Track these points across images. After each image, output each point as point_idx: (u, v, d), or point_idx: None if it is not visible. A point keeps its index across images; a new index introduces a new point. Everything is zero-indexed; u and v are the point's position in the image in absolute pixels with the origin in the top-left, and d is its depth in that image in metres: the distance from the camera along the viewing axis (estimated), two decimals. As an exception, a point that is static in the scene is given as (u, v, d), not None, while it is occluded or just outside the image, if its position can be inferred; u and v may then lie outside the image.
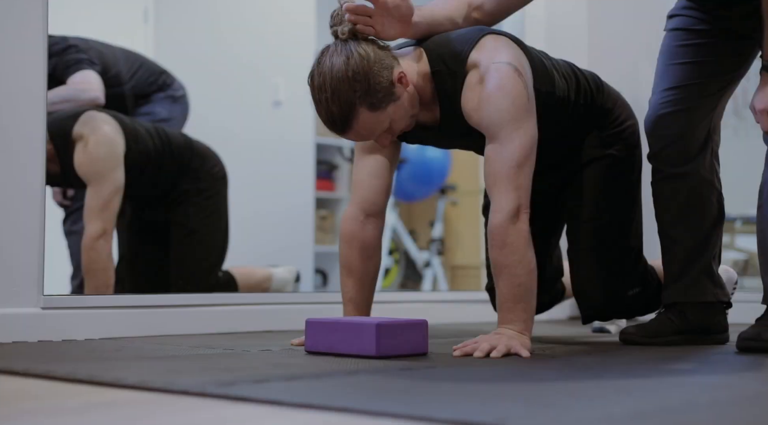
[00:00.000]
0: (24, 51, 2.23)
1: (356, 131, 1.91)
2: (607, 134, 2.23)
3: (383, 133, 1.95)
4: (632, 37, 3.67)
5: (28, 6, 2.23)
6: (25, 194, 2.20)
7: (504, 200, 1.88)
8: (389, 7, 1.96)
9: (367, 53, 1.91)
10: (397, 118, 1.94)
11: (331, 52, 1.92)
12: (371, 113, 1.89)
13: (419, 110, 2.05)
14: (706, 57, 2.18)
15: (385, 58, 1.93)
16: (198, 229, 3.10)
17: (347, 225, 2.14)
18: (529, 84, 1.95)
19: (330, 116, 1.90)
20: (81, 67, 3.15)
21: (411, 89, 1.97)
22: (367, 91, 1.88)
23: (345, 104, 1.87)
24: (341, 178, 5.65)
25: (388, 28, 1.98)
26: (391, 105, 1.92)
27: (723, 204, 2.24)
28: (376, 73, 1.89)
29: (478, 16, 2.12)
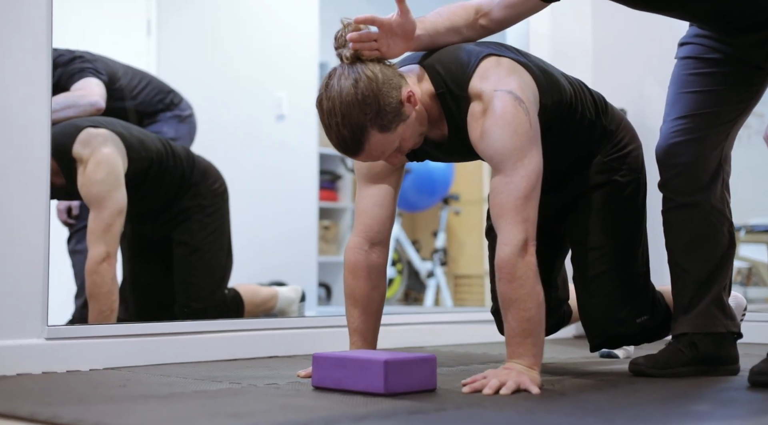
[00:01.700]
0: (28, 67, 2.22)
1: (368, 152, 1.91)
2: (611, 158, 2.21)
3: (393, 152, 1.95)
4: (637, 54, 3.65)
5: (33, 20, 2.22)
6: (29, 225, 2.19)
7: (511, 233, 1.86)
8: (393, 27, 1.96)
9: (375, 75, 1.90)
10: (407, 136, 1.95)
11: (339, 75, 1.91)
12: (382, 134, 1.89)
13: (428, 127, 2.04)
14: (717, 86, 2.16)
15: (393, 78, 1.92)
16: (201, 247, 3.08)
17: (352, 255, 2.12)
18: (532, 110, 1.93)
19: (341, 139, 1.89)
20: (84, 75, 3.15)
21: (420, 108, 1.96)
22: (378, 114, 1.87)
23: (356, 128, 1.87)
24: (344, 188, 5.65)
25: (393, 47, 1.97)
26: (401, 125, 1.92)
27: (734, 234, 2.22)
28: (386, 94, 1.89)
29: (484, 23, 2.10)
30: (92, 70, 3.18)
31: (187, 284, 3.07)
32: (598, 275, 2.20)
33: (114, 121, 2.98)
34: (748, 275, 5.58)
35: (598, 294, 2.21)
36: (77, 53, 3.22)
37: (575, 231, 2.26)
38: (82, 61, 3.20)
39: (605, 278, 2.20)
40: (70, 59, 3.18)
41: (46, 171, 2.23)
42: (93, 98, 3.09)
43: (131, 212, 2.96)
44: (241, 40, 4.64)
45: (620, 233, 2.22)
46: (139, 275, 3.20)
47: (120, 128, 2.92)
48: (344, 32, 1.95)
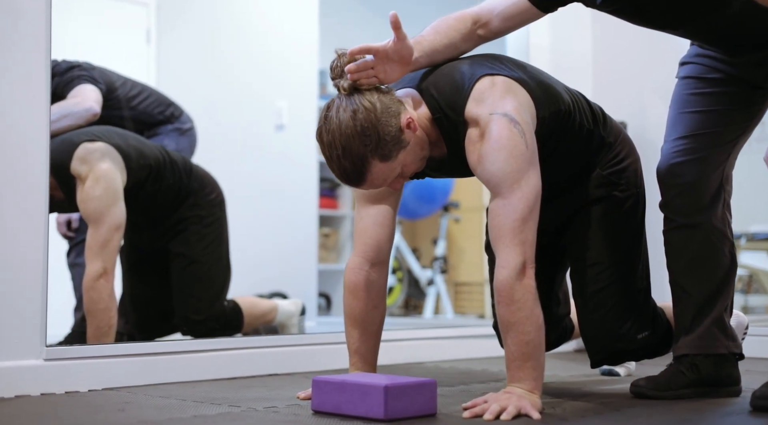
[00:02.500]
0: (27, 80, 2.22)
1: (370, 182, 1.92)
2: (609, 172, 2.20)
3: (396, 178, 1.96)
4: (637, 67, 3.64)
5: (31, 33, 2.22)
6: (28, 246, 2.18)
7: (509, 256, 1.86)
8: (390, 53, 1.95)
9: (373, 105, 1.90)
10: (409, 162, 1.95)
11: (337, 106, 1.91)
12: (383, 163, 1.90)
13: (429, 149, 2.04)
14: (718, 106, 2.15)
15: (392, 106, 1.92)
16: (199, 258, 3.07)
17: (352, 275, 2.11)
18: (528, 130, 1.91)
19: (343, 171, 1.90)
20: (79, 82, 3.14)
21: (420, 133, 1.96)
22: (378, 144, 1.88)
23: (357, 159, 1.87)
24: (344, 196, 5.64)
25: (391, 73, 1.97)
26: (402, 152, 1.92)
27: (735, 255, 2.21)
28: (385, 124, 1.89)
29: (482, 33, 2.10)
30: (88, 77, 3.18)
31: (185, 296, 3.06)
32: (598, 291, 2.19)
33: (111, 130, 2.96)
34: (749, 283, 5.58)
35: (598, 310, 2.20)
36: (74, 63, 3.22)
37: (574, 247, 2.25)
38: (79, 69, 3.20)
39: (605, 294, 2.19)
40: (66, 68, 3.18)
41: (44, 193, 2.22)
42: (87, 104, 3.09)
43: (129, 222, 2.95)
44: (240, 50, 4.64)
45: (620, 248, 2.21)
46: (138, 288, 3.19)
47: (117, 138, 2.90)
48: (339, 63, 1.95)
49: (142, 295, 3.18)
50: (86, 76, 3.17)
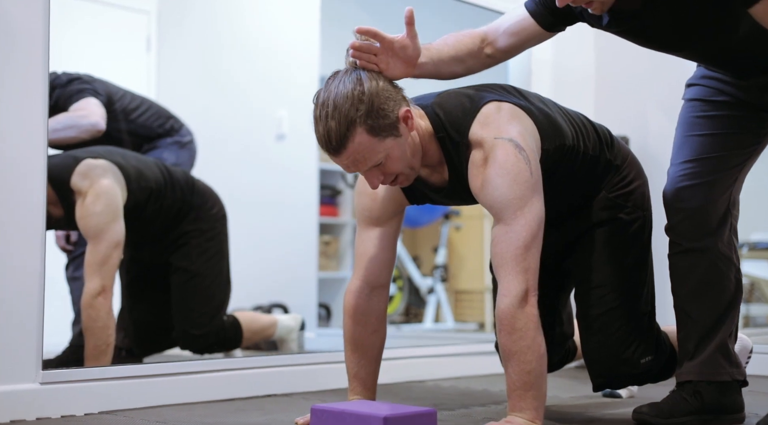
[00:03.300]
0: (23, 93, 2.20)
1: (350, 153, 1.84)
2: (616, 194, 2.18)
3: (374, 169, 1.89)
4: (640, 81, 3.61)
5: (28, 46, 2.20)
6: (24, 270, 2.16)
7: (512, 284, 1.83)
8: (395, 47, 1.92)
9: (377, 82, 1.87)
10: (394, 157, 1.88)
11: (341, 74, 1.88)
12: (369, 137, 1.84)
13: (427, 171, 2.02)
14: (725, 130, 2.12)
15: (395, 94, 1.89)
16: (200, 272, 3.05)
17: (352, 299, 2.09)
18: (533, 158, 1.89)
19: (327, 131, 1.83)
20: (83, 96, 3.12)
21: (415, 136, 1.92)
22: (369, 113, 1.83)
23: (344, 120, 1.81)
24: (345, 203, 5.62)
25: (393, 68, 1.94)
26: (391, 138, 1.86)
27: (741, 281, 2.18)
28: (383, 101, 1.85)
29: (490, 52, 2.09)
30: (91, 90, 3.17)
31: (185, 311, 3.04)
32: (602, 314, 2.17)
33: (113, 150, 2.95)
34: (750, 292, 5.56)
35: (601, 333, 2.17)
36: (74, 75, 3.20)
37: (579, 269, 2.22)
38: (80, 82, 3.18)
39: (609, 318, 2.16)
40: (67, 81, 3.16)
41: (41, 223, 2.20)
42: (93, 118, 3.07)
43: (130, 238, 2.93)
44: (241, 59, 4.61)
45: (625, 271, 2.18)
46: (138, 301, 3.17)
47: (119, 157, 2.88)
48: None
49: (142, 309, 3.16)
50: (90, 90, 3.16)
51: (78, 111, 3.08)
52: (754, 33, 1.91)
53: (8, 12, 2.16)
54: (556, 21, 2.07)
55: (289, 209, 4.56)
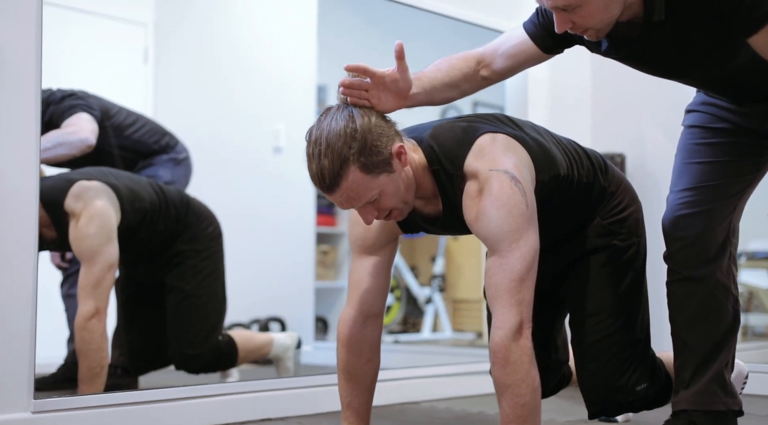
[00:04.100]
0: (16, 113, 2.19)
1: (343, 191, 1.84)
2: (610, 221, 2.17)
3: (368, 205, 1.88)
4: (636, 99, 3.61)
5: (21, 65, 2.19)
6: (15, 298, 2.15)
7: (505, 316, 1.82)
8: (387, 81, 1.91)
9: (369, 118, 1.86)
10: (388, 192, 1.87)
11: (333, 111, 1.87)
12: (363, 174, 1.83)
13: (421, 202, 2.01)
14: (724, 157, 2.11)
15: (388, 130, 1.88)
16: (195, 292, 3.04)
17: (346, 328, 2.08)
18: (528, 189, 1.89)
19: (320, 170, 1.82)
20: (75, 111, 3.12)
21: (408, 171, 1.91)
22: (362, 151, 1.81)
23: (338, 159, 1.81)
24: (342, 213, 5.61)
25: (385, 102, 1.93)
26: (385, 175, 1.85)
27: (739, 310, 2.18)
28: (376, 137, 1.84)
29: (486, 74, 2.08)
30: (84, 105, 3.16)
31: (180, 330, 3.03)
32: (597, 342, 2.16)
33: (106, 171, 2.94)
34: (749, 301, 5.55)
35: (596, 360, 2.16)
36: (68, 91, 3.20)
37: (574, 295, 2.21)
38: (74, 98, 3.17)
39: (604, 345, 2.15)
40: (61, 97, 3.16)
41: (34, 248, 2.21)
42: (83, 135, 3.06)
43: (125, 258, 2.92)
44: (238, 71, 4.61)
45: (620, 298, 2.17)
46: (133, 320, 3.16)
47: (112, 179, 2.88)
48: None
49: (137, 327, 3.15)
50: (82, 105, 3.15)
51: (68, 127, 3.08)
52: (754, 61, 1.90)
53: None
54: (555, 44, 2.07)
55: (286, 221, 4.55)
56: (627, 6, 1.89)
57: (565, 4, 1.83)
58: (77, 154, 3.06)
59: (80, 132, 3.06)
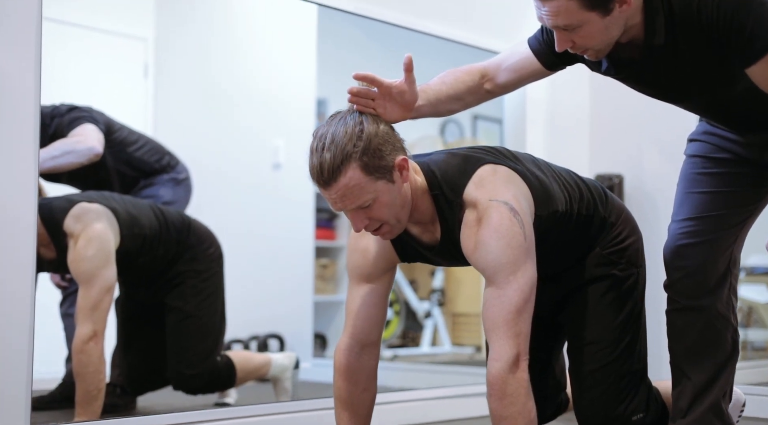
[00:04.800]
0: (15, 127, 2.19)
1: (340, 187, 1.83)
2: (609, 251, 2.18)
3: (360, 211, 1.87)
4: (635, 120, 3.61)
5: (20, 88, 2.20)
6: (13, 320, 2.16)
7: (503, 348, 1.83)
8: (393, 92, 1.93)
9: (378, 125, 1.88)
10: (383, 201, 1.87)
11: (343, 114, 1.89)
12: (362, 174, 1.83)
13: (418, 229, 2.02)
14: (726, 187, 2.12)
15: (395, 140, 1.90)
16: (194, 313, 3.05)
17: (342, 357, 2.08)
18: (527, 221, 1.89)
19: (321, 162, 1.82)
20: (80, 122, 3.15)
21: (407, 189, 1.92)
22: (366, 151, 1.82)
23: (340, 153, 1.81)
24: (342, 226, 5.61)
25: (390, 112, 1.94)
26: (384, 182, 1.86)
27: (738, 341, 2.19)
28: (381, 142, 1.85)
29: (489, 88, 2.10)
30: (89, 117, 3.20)
31: (179, 350, 3.04)
32: (595, 371, 2.17)
33: (108, 195, 2.96)
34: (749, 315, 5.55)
35: (593, 390, 2.17)
36: (74, 105, 3.23)
37: (573, 324, 2.22)
38: (79, 110, 3.22)
39: (601, 374, 2.16)
40: (67, 110, 3.21)
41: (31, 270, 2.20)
42: (90, 143, 3.09)
43: (125, 280, 2.93)
44: (238, 87, 4.62)
45: (618, 328, 2.18)
46: (133, 339, 3.17)
47: (114, 203, 2.89)
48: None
49: (136, 347, 3.16)
50: (87, 117, 3.19)
51: (75, 136, 3.10)
52: (751, 90, 1.91)
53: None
54: (558, 61, 2.09)
55: (285, 237, 4.56)
56: (627, 28, 1.91)
57: (566, 23, 1.85)
58: (85, 162, 3.09)
59: (87, 141, 3.09)
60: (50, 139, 3.12)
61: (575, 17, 1.83)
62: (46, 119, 3.16)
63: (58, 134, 3.13)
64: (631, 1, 1.85)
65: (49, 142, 3.11)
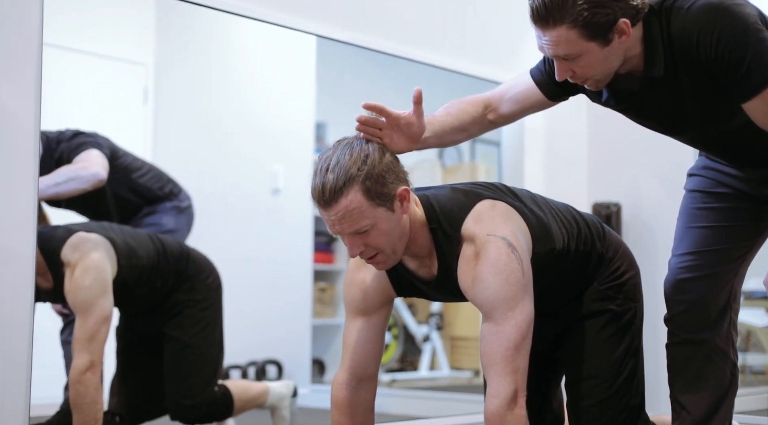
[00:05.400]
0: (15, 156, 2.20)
1: (340, 208, 1.83)
2: (606, 286, 2.18)
3: (357, 236, 1.88)
4: (632, 147, 3.62)
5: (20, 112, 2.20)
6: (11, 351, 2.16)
7: (500, 385, 1.84)
8: (401, 124, 1.94)
9: (384, 154, 1.89)
10: (381, 229, 1.88)
11: (351, 139, 1.91)
12: (364, 198, 1.84)
13: (415, 263, 2.02)
14: (726, 222, 2.13)
15: (399, 171, 1.91)
16: (193, 343, 3.04)
17: (339, 392, 2.08)
18: (525, 257, 1.90)
19: (324, 183, 1.83)
20: (85, 148, 3.17)
21: (406, 221, 1.92)
22: (369, 176, 1.84)
23: (344, 175, 1.82)
24: (340, 250, 5.62)
25: (397, 143, 1.96)
26: (384, 209, 1.87)
27: (737, 376, 2.19)
28: (385, 171, 1.87)
29: (492, 118, 2.12)
30: (94, 143, 3.22)
31: (177, 380, 3.03)
32: (592, 406, 2.16)
33: (107, 226, 2.96)
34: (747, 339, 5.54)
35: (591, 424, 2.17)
36: (79, 130, 3.25)
37: (571, 359, 2.22)
38: (85, 136, 3.24)
39: (599, 409, 2.16)
40: (72, 135, 3.22)
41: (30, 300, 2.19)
42: (95, 169, 3.10)
43: (124, 309, 2.92)
44: (237, 114, 4.64)
45: (615, 363, 2.18)
46: (131, 368, 3.16)
47: (112, 233, 2.89)
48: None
49: (135, 376, 3.15)
50: (92, 142, 3.21)
51: (80, 162, 3.12)
52: (749, 125, 1.92)
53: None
54: (560, 91, 2.10)
55: (284, 261, 4.56)
56: (627, 59, 1.92)
57: (566, 53, 1.86)
58: (89, 188, 3.10)
59: (92, 167, 3.10)
60: (56, 164, 3.15)
61: (575, 47, 1.85)
62: (52, 143, 3.18)
63: (64, 159, 3.15)
64: (631, 32, 1.87)
65: (55, 166, 3.13)
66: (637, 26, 1.89)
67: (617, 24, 1.84)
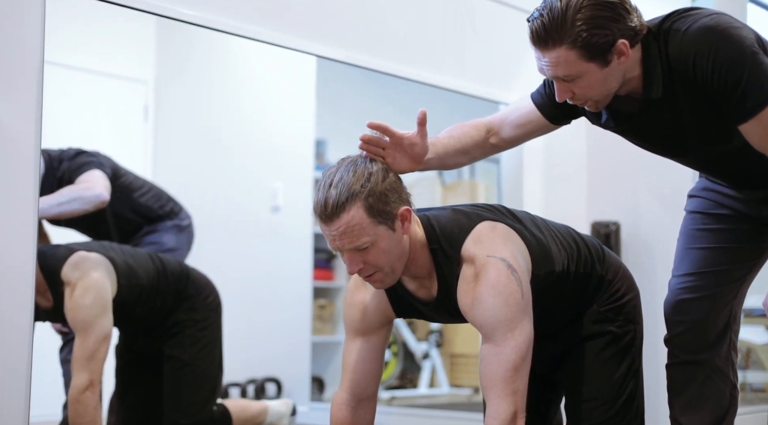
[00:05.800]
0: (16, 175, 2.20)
1: (342, 223, 1.84)
2: (606, 308, 2.18)
3: (356, 253, 1.87)
4: (632, 169, 3.62)
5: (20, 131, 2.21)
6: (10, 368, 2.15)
7: (500, 407, 1.83)
8: (404, 144, 1.95)
9: (387, 173, 1.90)
10: (381, 247, 1.88)
11: (355, 157, 1.92)
12: (365, 215, 1.84)
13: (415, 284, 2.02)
14: (726, 243, 2.13)
15: (402, 191, 1.92)
16: (192, 362, 3.04)
17: (339, 412, 2.08)
18: (524, 279, 1.91)
19: (326, 197, 1.84)
20: (87, 168, 3.18)
21: (406, 241, 1.93)
22: (372, 193, 1.84)
23: (346, 191, 1.84)
24: (340, 267, 5.62)
25: (399, 163, 1.96)
26: (385, 227, 1.87)
27: (737, 397, 2.19)
28: (389, 189, 1.87)
29: (495, 142, 2.13)
30: (96, 162, 3.23)
31: (176, 399, 3.03)
32: (592, 428, 2.16)
33: (107, 245, 2.97)
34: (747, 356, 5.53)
35: (591, 447, 2.16)
36: (81, 149, 3.27)
37: (570, 381, 2.22)
38: (87, 155, 3.26)
39: (598, 432, 2.16)
40: (75, 154, 3.24)
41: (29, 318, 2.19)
42: (97, 190, 3.11)
43: (123, 329, 2.92)
44: (237, 131, 4.65)
45: (615, 384, 2.17)
46: (130, 387, 3.16)
47: (112, 252, 2.90)
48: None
49: (134, 394, 3.15)
50: (95, 162, 3.22)
51: (82, 183, 3.13)
52: (748, 147, 1.93)
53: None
54: (561, 114, 2.11)
55: (284, 278, 4.56)
56: (626, 81, 1.93)
57: (565, 74, 1.87)
58: (91, 209, 3.11)
59: (94, 188, 3.11)
60: (58, 183, 3.16)
61: (574, 68, 1.86)
62: (54, 162, 3.19)
63: (66, 178, 3.16)
64: (630, 53, 1.87)
65: (57, 185, 3.14)
66: (636, 48, 1.90)
67: (616, 45, 1.85)
